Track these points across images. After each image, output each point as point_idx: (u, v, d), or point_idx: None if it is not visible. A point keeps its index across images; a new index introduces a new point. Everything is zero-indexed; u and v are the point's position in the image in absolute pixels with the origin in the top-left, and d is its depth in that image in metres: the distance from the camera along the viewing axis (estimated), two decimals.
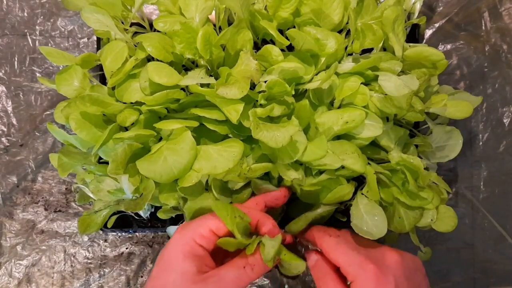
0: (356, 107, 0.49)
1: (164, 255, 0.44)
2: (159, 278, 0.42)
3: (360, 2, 0.52)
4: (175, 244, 0.44)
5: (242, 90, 0.44)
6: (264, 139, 0.44)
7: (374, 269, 0.42)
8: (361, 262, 0.43)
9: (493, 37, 0.66)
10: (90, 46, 0.67)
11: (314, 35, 0.48)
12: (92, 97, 0.47)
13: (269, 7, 0.50)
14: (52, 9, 0.68)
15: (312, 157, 0.48)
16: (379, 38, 0.50)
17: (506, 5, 0.66)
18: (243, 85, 0.44)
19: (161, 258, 0.44)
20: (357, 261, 0.43)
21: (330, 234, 0.46)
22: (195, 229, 0.44)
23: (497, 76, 0.66)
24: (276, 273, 0.64)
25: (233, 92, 0.43)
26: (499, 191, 0.65)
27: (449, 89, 0.57)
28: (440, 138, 0.55)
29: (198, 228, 0.44)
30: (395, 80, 0.46)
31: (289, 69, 0.46)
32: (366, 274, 0.42)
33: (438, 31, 0.66)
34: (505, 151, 0.65)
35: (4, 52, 0.67)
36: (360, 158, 0.49)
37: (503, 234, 0.64)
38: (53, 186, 0.66)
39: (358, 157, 0.48)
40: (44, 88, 0.66)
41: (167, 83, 0.46)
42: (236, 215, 0.43)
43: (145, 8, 0.65)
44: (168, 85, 0.46)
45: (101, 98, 0.48)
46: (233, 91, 0.43)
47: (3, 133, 0.66)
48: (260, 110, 0.45)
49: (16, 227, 0.65)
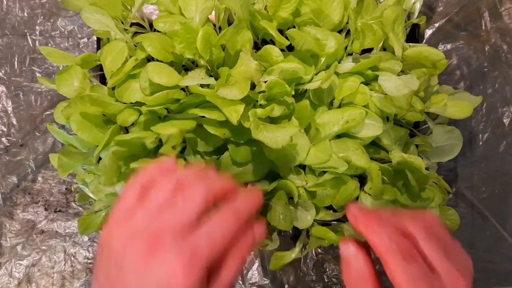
0: (356, 106, 0.49)
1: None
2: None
3: (360, 2, 0.52)
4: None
5: (242, 91, 0.44)
6: (264, 139, 0.43)
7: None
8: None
9: (493, 37, 0.66)
10: (90, 46, 0.67)
11: (314, 35, 0.48)
12: (92, 97, 0.47)
13: (269, 7, 0.50)
14: (52, 9, 0.68)
15: (316, 161, 0.48)
16: (379, 38, 0.50)
17: (506, 5, 0.66)
18: (243, 86, 0.44)
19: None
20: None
21: (404, 255, 0.36)
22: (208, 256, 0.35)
23: (497, 76, 0.66)
24: (276, 273, 0.64)
25: (234, 93, 0.43)
26: (499, 191, 0.65)
27: (449, 89, 0.57)
28: (440, 138, 0.55)
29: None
30: (395, 80, 0.46)
31: (289, 69, 0.46)
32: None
33: (438, 31, 0.66)
34: (505, 151, 0.65)
35: (4, 52, 0.67)
36: (364, 154, 0.49)
37: (503, 234, 0.64)
38: (53, 186, 0.66)
39: (362, 153, 0.48)
40: (44, 88, 0.66)
41: (167, 84, 0.46)
42: None
43: (145, 8, 0.65)
44: (168, 85, 0.46)
45: (101, 98, 0.48)
46: (234, 92, 0.43)
47: (3, 133, 0.66)
48: (260, 110, 0.45)
49: (16, 227, 0.65)
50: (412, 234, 0.38)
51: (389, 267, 0.36)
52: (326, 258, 0.65)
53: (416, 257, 0.37)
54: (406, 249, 0.36)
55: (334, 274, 0.65)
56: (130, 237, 0.37)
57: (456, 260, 0.38)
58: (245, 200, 0.38)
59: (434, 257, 0.37)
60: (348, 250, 0.39)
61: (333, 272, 0.65)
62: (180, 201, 0.37)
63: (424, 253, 0.37)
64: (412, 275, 0.35)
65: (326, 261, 0.65)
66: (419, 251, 0.38)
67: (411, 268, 0.36)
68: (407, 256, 0.36)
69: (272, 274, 0.64)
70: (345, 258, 0.39)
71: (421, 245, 0.37)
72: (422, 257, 0.37)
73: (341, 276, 0.63)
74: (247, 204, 0.38)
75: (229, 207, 0.37)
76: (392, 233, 0.37)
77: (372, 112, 0.49)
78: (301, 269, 0.65)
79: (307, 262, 0.65)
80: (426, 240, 0.38)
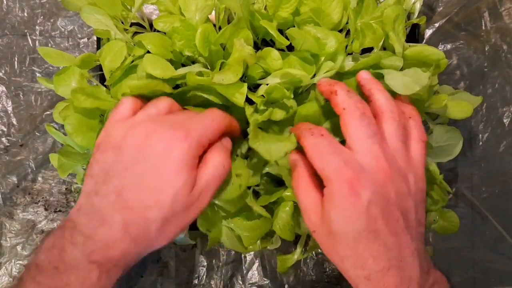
0: None
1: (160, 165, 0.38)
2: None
3: (360, 2, 0.52)
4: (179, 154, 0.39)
5: (236, 73, 0.44)
6: (259, 149, 0.43)
7: (351, 178, 0.37)
8: (338, 167, 0.37)
9: (493, 37, 0.66)
10: (90, 46, 0.67)
11: (314, 34, 0.48)
12: (84, 90, 0.47)
13: (269, 6, 0.50)
14: (52, 9, 0.68)
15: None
16: (379, 37, 0.50)
17: (506, 5, 0.66)
18: (237, 68, 0.44)
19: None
20: (333, 165, 0.38)
21: (312, 133, 0.41)
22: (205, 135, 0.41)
23: (497, 76, 0.66)
24: (276, 273, 0.64)
25: (228, 76, 0.43)
26: (499, 191, 0.65)
27: (449, 89, 0.57)
28: (440, 138, 0.55)
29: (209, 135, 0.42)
30: (401, 77, 0.46)
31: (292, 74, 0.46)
32: (340, 182, 0.37)
33: (438, 31, 0.66)
34: (505, 151, 0.65)
35: (4, 52, 0.67)
36: None
37: (503, 234, 0.64)
38: (53, 186, 0.66)
39: None
40: (44, 88, 0.66)
41: (160, 75, 0.45)
42: None
43: (145, 8, 0.65)
44: (162, 77, 0.45)
45: (94, 91, 0.48)
46: (228, 76, 0.43)
47: (3, 133, 0.66)
48: (260, 116, 0.45)
49: (16, 227, 0.65)
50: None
51: (303, 147, 0.41)
52: (326, 258, 0.65)
53: (323, 133, 0.41)
54: (316, 129, 0.41)
55: (334, 274, 0.65)
56: (130, 128, 0.40)
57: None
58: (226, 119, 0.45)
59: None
60: (292, 156, 0.43)
61: (333, 272, 0.65)
62: (177, 111, 0.43)
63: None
64: (314, 144, 0.40)
65: (326, 261, 0.65)
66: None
67: (316, 139, 0.40)
68: (315, 133, 0.41)
69: (272, 274, 0.64)
70: (291, 165, 0.44)
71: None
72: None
73: (341, 276, 0.63)
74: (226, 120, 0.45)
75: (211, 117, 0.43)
76: (307, 124, 0.43)
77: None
78: (301, 269, 0.65)
79: (307, 262, 0.65)
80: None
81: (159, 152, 0.38)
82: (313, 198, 0.40)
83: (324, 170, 0.38)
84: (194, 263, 0.65)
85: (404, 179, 0.40)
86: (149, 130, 0.40)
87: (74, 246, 0.38)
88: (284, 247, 0.62)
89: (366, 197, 0.37)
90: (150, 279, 0.64)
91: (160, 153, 0.38)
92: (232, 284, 0.65)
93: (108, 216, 0.38)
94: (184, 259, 0.65)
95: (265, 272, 0.65)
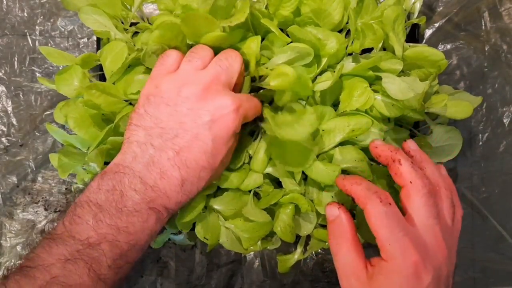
0: (364, 115, 0.49)
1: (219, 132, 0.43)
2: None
3: (360, 2, 0.52)
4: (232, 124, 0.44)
5: (241, 17, 0.44)
6: (286, 135, 0.43)
7: (417, 261, 0.38)
8: (406, 248, 0.38)
9: (493, 37, 0.66)
10: (90, 46, 0.67)
11: (315, 35, 0.48)
12: (98, 86, 0.48)
13: (270, 5, 0.50)
14: (52, 9, 0.68)
15: (319, 179, 0.48)
16: (379, 38, 0.50)
17: (506, 5, 0.66)
18: (241, 15, 0.45)
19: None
20: (402, 244, 0.38)
21: (381, 200, 0.40)
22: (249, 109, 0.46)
23: (497, 76, 0.66)
24: (276, 273, 0.64)
25: (235, 18, 0.45)
26: (499, 191, 0.65)
27: (449, 89, 0.57)
28: (440, 138, 0.55)
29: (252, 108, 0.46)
30: (399, 83, 0.46)
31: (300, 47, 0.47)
32: (405, 263, 0.38)
33: (438, 31, 0.66)
34: (505, 151, 0.65)
35: (4, 52, 0.67)
36: (368, 165, 0.49)
37: (503, 234, 0.64)
38: (53, 186, 0.66)
39: (367, 165, 0.49)
40: (44, 88, 0.66)
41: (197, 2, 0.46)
42: None
43: (145, 8, 0.65)
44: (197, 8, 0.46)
45: (107, 88, 0.49)
46: (234, 19, 0.45)
47: (3, 133, 0.66)
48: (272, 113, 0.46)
49: (16, 227, 0.65)
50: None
51: (367, 210, 0.40)
52: (326, 258, 0.65)
53: (390, 201, 0.40)
54: (383, 194, 0.40)
55: (334, 274, 0.65)
56: (183, 85, 0.44)
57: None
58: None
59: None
60: (332, 211, 0.43)
61: (333, 272, 0.65)
62: (224, 63, 0.45)
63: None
64: (383, 213, 0.39)
65: (326, 261, 0.65)
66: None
67: (384, 208, 0.39)
68: (383, 199, 0.40)
69: (272, 274, 0.64)
70: (329, 219, 0.43)
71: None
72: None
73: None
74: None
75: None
76: (370, 184, 0.42)
77: (375, 120, 0.49)
78: (301, 269, 0.65)
79: (307, 262, 0.65)
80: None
81: (216, 118, 0.43)
82: (355, 263, 0.41)
83: (390, 245, 0.38)
84: (194, 263, 0.65)
85: (452, 257, 0.42)
86: (204, 91, 0.43)
87: (135, 192, 0.42)
88: (284, 247, 0.62)
89: (426, 282, 0.38)
90: (150, 279, 0.64)
91: (217, 119, 0.43)
92: (232, 284, 0.65)
93: (168, 171, 0.42)
94: (184, 259, 0.65)
95: (265, 272, 0.65)
